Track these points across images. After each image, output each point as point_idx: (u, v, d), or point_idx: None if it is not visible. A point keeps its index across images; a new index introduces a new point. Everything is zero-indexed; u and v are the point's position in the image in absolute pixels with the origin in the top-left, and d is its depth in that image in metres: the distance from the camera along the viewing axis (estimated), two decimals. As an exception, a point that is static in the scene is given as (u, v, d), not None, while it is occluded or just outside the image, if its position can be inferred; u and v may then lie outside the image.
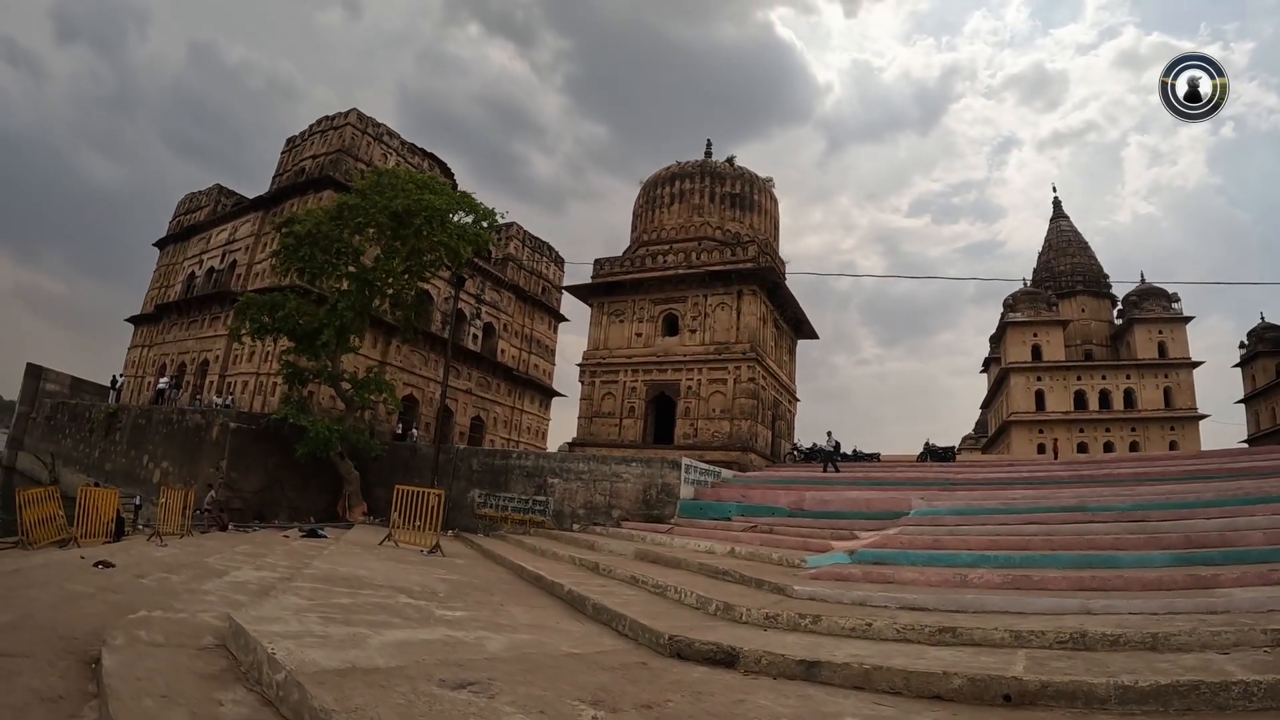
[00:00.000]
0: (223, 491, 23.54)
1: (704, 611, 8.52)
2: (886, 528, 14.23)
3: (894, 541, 12.37)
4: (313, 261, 24.40)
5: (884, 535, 13.13)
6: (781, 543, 14.17)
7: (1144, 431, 53.09)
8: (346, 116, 35.92)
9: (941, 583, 9.48)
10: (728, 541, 14.71)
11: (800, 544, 13.69)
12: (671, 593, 9.63)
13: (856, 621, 7.23)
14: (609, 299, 33.63)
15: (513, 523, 22.77)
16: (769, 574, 10.54)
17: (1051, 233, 66.56)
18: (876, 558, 11.40)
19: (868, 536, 13.51)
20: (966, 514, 14.82)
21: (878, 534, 13.50)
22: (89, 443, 34.41)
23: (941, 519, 14.67)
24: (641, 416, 31.20)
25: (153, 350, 39.50)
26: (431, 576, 10.80)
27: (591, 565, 12.76)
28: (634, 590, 10.24)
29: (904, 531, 13.35)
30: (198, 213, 42.44)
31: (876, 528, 14.44)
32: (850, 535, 14.07)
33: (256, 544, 15.53)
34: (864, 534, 13.93)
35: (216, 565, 11.16)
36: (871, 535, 13.55)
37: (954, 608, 7.90)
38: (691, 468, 21.91)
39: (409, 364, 35.28)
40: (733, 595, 9.00)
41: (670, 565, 12.57)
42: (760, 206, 35.99)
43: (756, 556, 12.84)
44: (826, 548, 12.80)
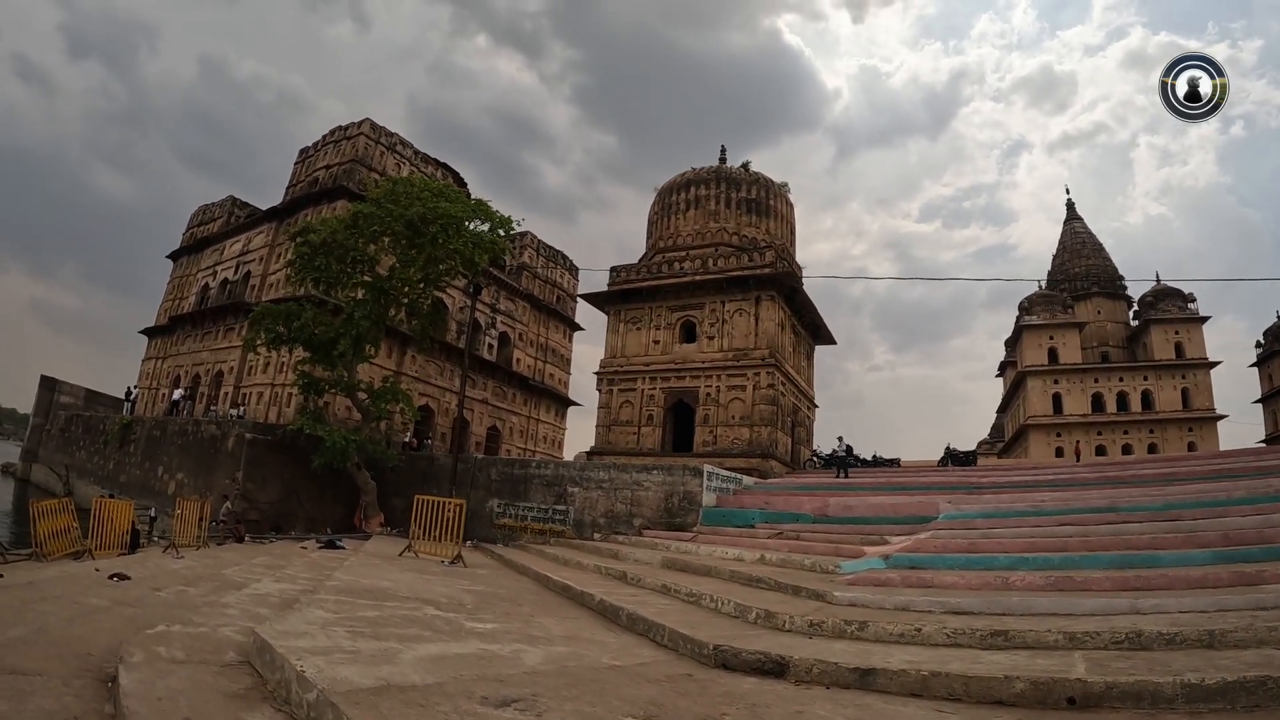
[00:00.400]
0: (239, 503, 23.27)
1: (743, 620, 8.23)
2: (917, 532, 13.97)
3: (928, 546, 12.12)
4: (328, 271, 24.16)
5: (917, 540, 12.84)
6: (811, 549, 13.86)
7: (1162, 433, 52.72)
8: (360, 126, 35.79)
9: (983, 586, 9.29)
10: (755, 548, 14.39)
11: (831, 550, 13.42)
12: (707, 601, 9.32)
13: (905, 627, 7.01)
14: (626, 306, 33.31)
15: (532, 532, 22.42)
16: (804, 580, 10.27)
17: (1065, 235, 66.27)
18: (912, 562, 11.18)
19: (899, 541, 13.28)
20: (997, 517, 14.55)
21: (909, 539, 13.23)
22: (103, 455, 34.27)
23: (972, 523, 14.27)
24: (660, 424, 30.84)
25: (167, 362, 39.39)
26: (456, 587, 10.45)
27: (619, 574, 12.38)
28: (667, 599, 9.88)
29: (936, 536, 13.06)
30: (211, 224, 42.37)
31: (906, 532, 14.21)
32: (881, 540, 13.84)
33: (274, 555, 15.22)
34: (894, 539, 13.72)
35: (235, 577, 10.84)
36: (903, 540, 13.29)
37: (1000, 610, 7.73)
38: (713, 475, 21.56)
39: (424, 374, 35.05)
40: (771, 602, 8.73)
41: (700, 573, 12.22)
42: (776, 211, 35.65)
43: (788, 563, 12.54)
44: (859, 553, 12.54)
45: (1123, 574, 9.12)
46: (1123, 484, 18.27)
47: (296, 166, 38.36)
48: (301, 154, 38.51)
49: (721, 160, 37.45)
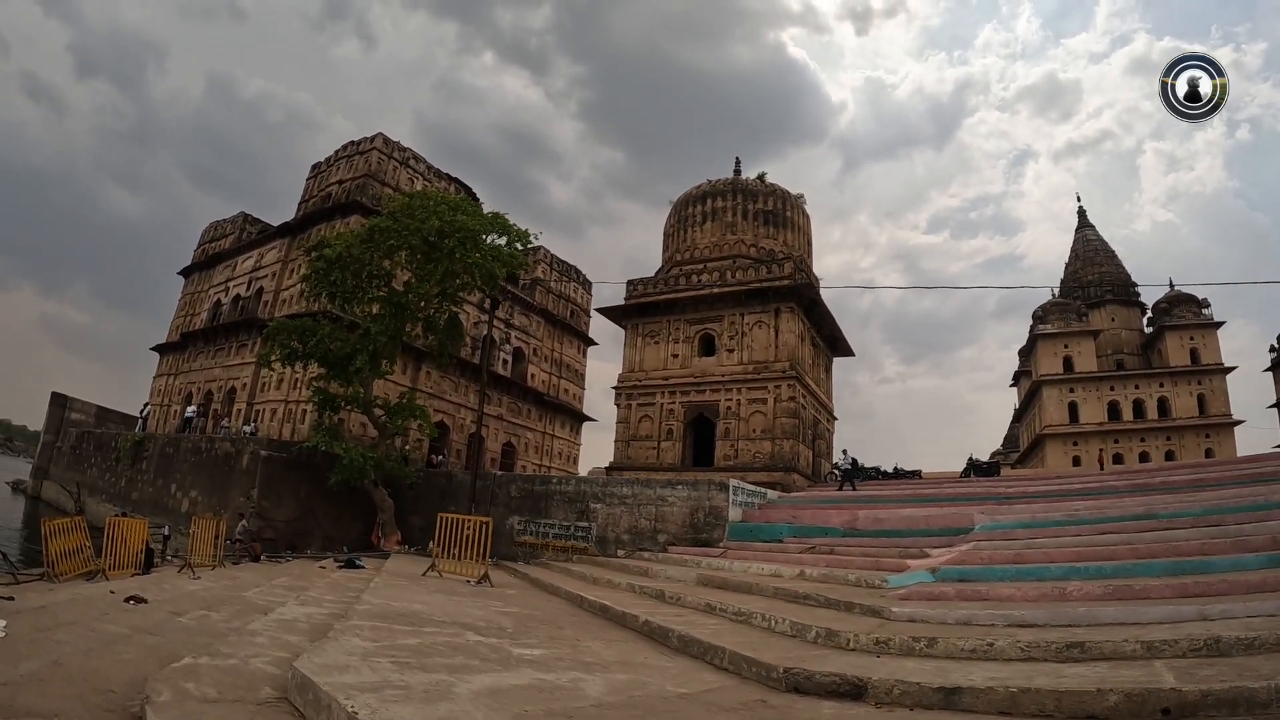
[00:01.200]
0: (254, 521, 22.81)
1: (802, 639, 7.80)
2: (954, 544, 13.74)
3: (973, 557, 11.86)
4: (343, 286, 23.79)
5: (960, 552, 12.53)
6: (850, 563, 13.44)
7: (1179, 440, 52.01)
8: (372, 141, 35.51)
9: (1040, 597, 9.04)
10: (791, 564, 13.98)
11: (872, 564, 13.00)
12: (758, 620, 8.87)
13: (976, 642, 6.72)
14: (643, 320, 32.81)
15: (554, 550, 21.89)
16: (854, 596, 9.87)
17: (1078, 243, 65.79)
18: (961, 575, 10.87)
19: (941, 554, 12.92)
20: (1035, 527, 14.26)
21: (952, 550, 12.89)
22: (115, 472, 33.86)
23: (1012, 533, 14.03)
24: (680, 439, 30.28)
25: (179, 379, 39.02)
26: (490, 609, 9.93)
27: (655, 593, 11.86)
28: (714, 619, 9.41)
29: (978, 547, 12.72)
30: (223, 240, 42.10)
31: (944, 545, 13.80)
32: (921, 553, 13.45)
33: (294, 576, 14.71)
34: (935, 551, 13.36)
35: (257, 600, 10.34)
36: (945, 552, 12.94)
37: (1066, 621, 7.48)
38: (739, 489, 21.09)
39: (439, 390, 34.59)
40: (828, 620, 8.33)
41: (741, 591, 11.76)
42: (793, 223, 35.19)
43: (830, 578, 12.07)
44: (902, 566, 12.14)
45: (1180, 580, 8.91)
46: (1154, 491, 18.10)
47: (309, 182, 38.08)
48: (314, 169, 38.23)
49: (736, 172, 37.04)
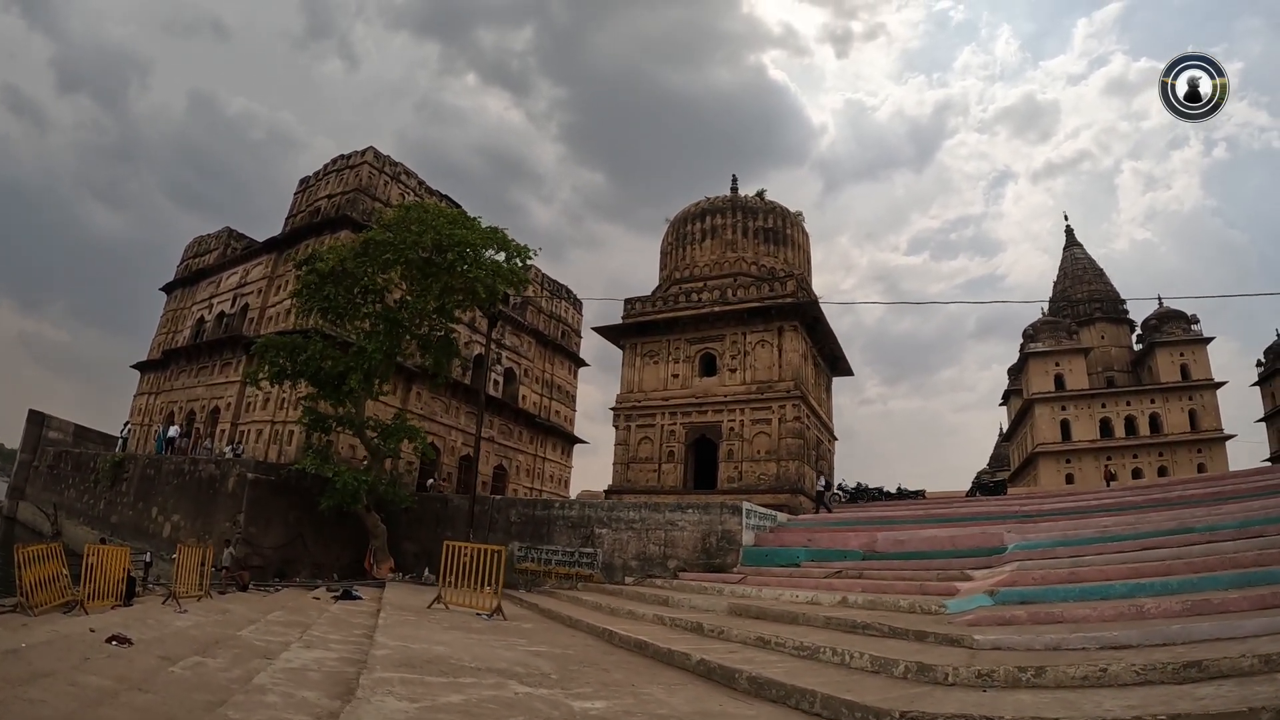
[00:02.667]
0: (241, 548, 21.65)
1: (888, 675, 7.12)
2: (994, 565, 13.06)
3: (1025, 578, 11.31)
4: (336, 301, 22.78)
5: (1011, 573, 11.80)
6: (889, 588, 12.84)
7: (1171, 455, 51.93)
8: (363, 155, 34.63)
9: (1118, 616, 8.64)
10: (822, 589, 13.32)
11: (916, 588, 12.41)
12: (826, 654, 8.08)
13: (1087, 668, 6.33)
14: (642, 339, 31.95)
15: (557, 577, 20.93)
16: (917, 624, 9.28)
17: (1066, 260, 66.00)
18: (1022, 597, 10.39)
19: (985, 575, 12.38)
20: (1073, 545, 13.79)
21: (1001, 572, 12.29)
22: (94, 494, 32.48)
23: (1052, 552, 13.50)
24: (682, 461, 29.36)
25: (160, 398, 37.67)
26: (518, 649, 8.97)
27: (691, 625, 10.95)
28: (775, 655, 8.60)
29: (1023, 567, 12.11)
30: (207, 256, 40.86)
31: (980, 566, 13.31)
32: (962, 575, 12.85)
33: (289, 609, 13.64)
34: (977, 573, 12.78)
35: (255, 641, 9.32)
36: (991, 574, 12.40)
37: (1161, 640, 7.17)
38: (751, 512, 20.27)
39: (430, 411, 33.53)
40: (904, 652, 7.71)
41: (785, 621, 10.97)
42: (793, 241, 34.60)
43: (878, 605, 11.38)
44: (951, 590, 11.59)
45: (1256, 592, 8.58)
46: (1175, 505, 17.80)
47: (296, 196, 37.08)
48: (302, 184, 37.25)
49: (734, 190, 36.38)
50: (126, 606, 14.16)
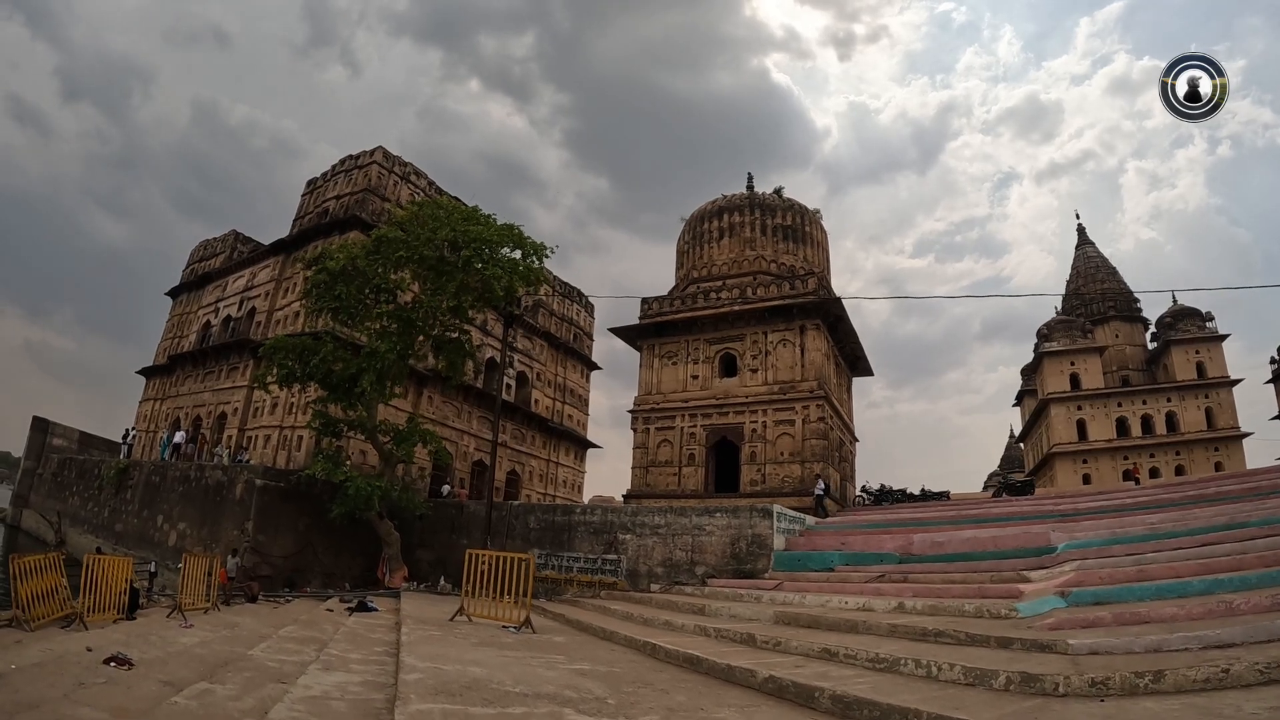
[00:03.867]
0: (249, 557, 20.80)
1: (986, 688, 6.51)
2: (1049, 565, 12.63)
3: (1092, 578, 10.86)
4: (347, 301, 21.94)
5: (1075, 573, 11.26)
6: (943, 591, 12.13)
7: (1188, 454, 51.22)
8: (372, 155, 33.90)
9: (1208, 614, 8.27)
10: (874, 595, 12.59)
11: (974, 591, 11.78)
12: (907, 666, 7.36)
13: (1208, 670, 5.97)
14: (660, 340, 31.07)
15: (579, 585, 20.09)
16: (994, 629, 8.69)
17: (1078, 259, 65.10)
18: (1096, 597, 9.94)
19: (1045, 576, 11.78)
20: (1128, 543, 13.41)
21: (1064, 572, 11.63)
22: (98, 501, 31.66)
23: (1108, 550, 13.01)
24: (702, 464, 28.45)
25: (166, 403, 36.92)
26: (559, 668, 8.10)
27: (742, 637, 10.07)
28: (848, 669, 7.80)
29: (1083, 566, 11.66)
30: (213, 259, 40.14)
31: (1032, 567, 12.87)
32: (1018, 577, 12.33)
33: (302, 623, 12.77)
34: (1032, 574, 12.20)
35: (268, 661, 8.45)
36: (1052, 574, 11.78)
37: (1267, 637, 6.88)
38: (782, 515, 19.44)
39: (441, 416, 32.69)
40: (998, 661, 7.09)
41: (841, 629, 10.17)
42: (812, 238, 33.69)
43: (941, 610, 10.64)
44: (1013, 592, 11.01)
45: None
46: (1213, 501, 17.49)
47: (304, 198, 36.36)
48: (309, 185, 36.53)
49: (749, 187, 35.52)
50: (129, 620, 13.41)
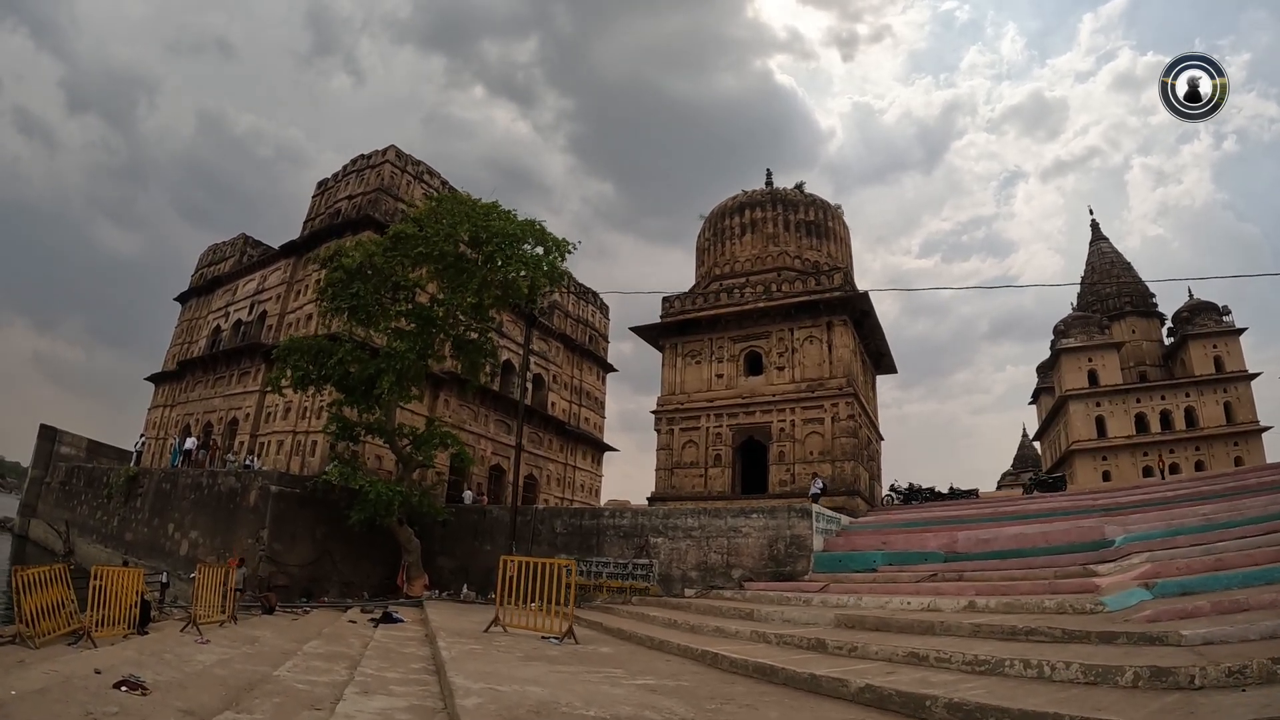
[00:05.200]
0: (265, 566, 20.00)
1: (1112, 685, 6.08)
2: (1111, 558, 12.38)
3: (1169, 569, 10.60)
4: (365, 300, 21.09)
5: (1151, 565, 11.03)
6: (1010, 588, 11.66)
7: (1208, 449, 50.70)
8: (384, 154, 33.21)
9: None
10: (931, 594, 12.06)
11: (1044, 587, 11.36)
12: (1013, 667, 6.80)
13: None
14: (683, 339, 30.18)
15: (609, 591, 19.23)
16: (1088, 624, 8.35)
17: (1093, 255, 64.33)
18: (1182, 587, 9.65)
19: (1115, 570, 11.39)
20: (1191, 533, 13.30)
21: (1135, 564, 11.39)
22: (107, 510, 30.89)
23: (1171, 541, 12.83)
24: (729, 464, 27.53)
25: (175, 410, 36.16)
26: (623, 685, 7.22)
27: (811, 643, 9.23)
28: (947, 673, 7.10)
29: (1154, 558, 11.48)
30: (222, 264, 39.41)
31: (1092, 560, 12.57)
32: (1084, 571, 11.83)
33: (325, 637, 11.91)
34: (1099, 568, 11.77)
35: (296, 683, 7.59)
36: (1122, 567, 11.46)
37: None
38: (821, 515, 18.65)
39: (459, 419, 31.85)
40: (1112, 657, 6.76)
41: (916, 631, 9.49)
42: (835, 234, 32.83)
43: (1017, 607, 10.06)
44: (1088, 586, 10.61)
45: None
46: (1257, 492, 17.14)
47: (315, 199, 35.67)
48: (320, 186, 35.85)
49: (769, 183, 34.70)
50: (140, 635, 12.62)
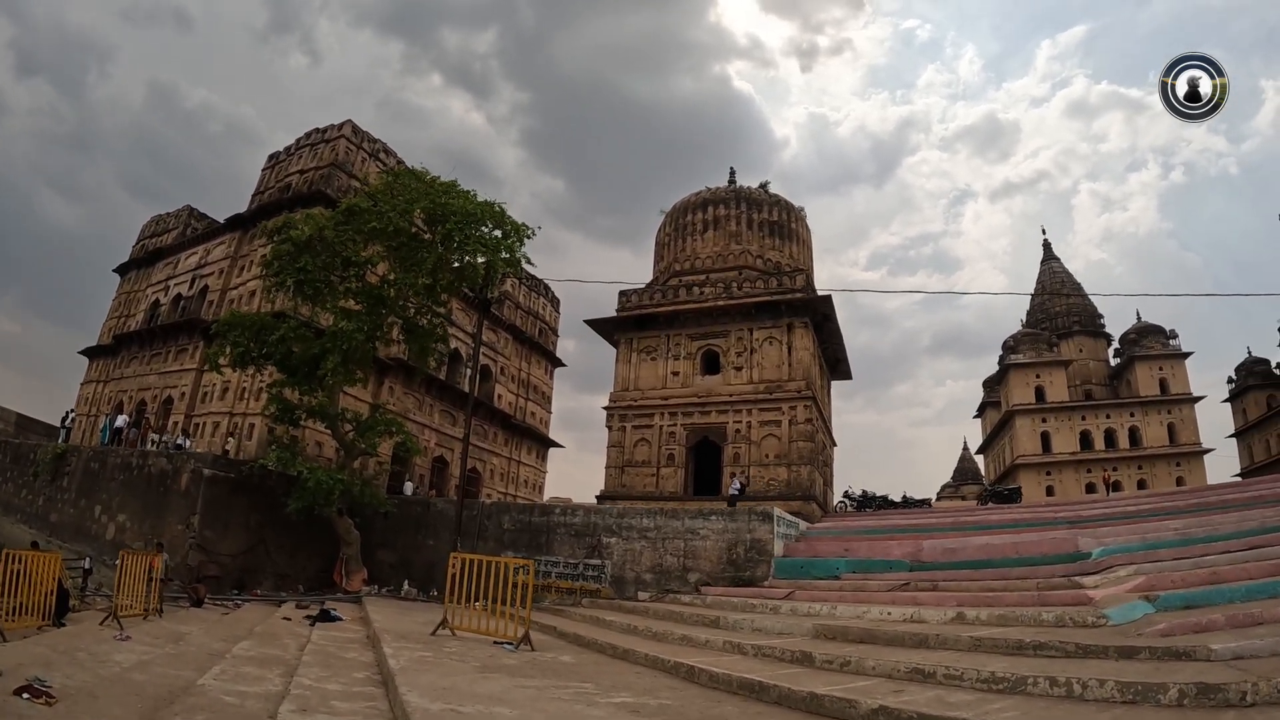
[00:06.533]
0: (195, 555, 18.89)
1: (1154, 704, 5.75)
2: (1092, 570, 12.00)
3: (1165, 582, 10.25)
4: (312, 275, 20.09)
5: (1146, 577, 10.58)
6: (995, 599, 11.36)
7: (1150, 468, 52.16)
8: (340, 129, 32.10)
9: None
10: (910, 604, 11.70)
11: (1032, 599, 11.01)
12: (1037, 684, 6.37)
13: None
14: (639, 335, 29.53)
15: (558, 592, 18.58)
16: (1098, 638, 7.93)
17: (1044, 274, 65.58)
18: (1185, 600, 9.36)
19: (1106, 581, 10.97)
20: (1168, 548, 13.14)
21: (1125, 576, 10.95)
22: (33, 489, 29.10)
23: (1155, 554, 12.56)
24: (682, 464, 27.00)
25: (109, 386, 34.42)
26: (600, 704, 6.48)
27: (795, 656, 8.63)
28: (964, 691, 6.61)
29: (1141, 570, 11.10)
30: (165, 236, 37.62)
31: (1072, 573, 12.22)
32: (1070, 583, 11.41)
33: (258, 637, 11.03)
34: (1085, 580, 11.35)
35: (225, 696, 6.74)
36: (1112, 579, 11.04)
37: None
38: (782, 519, 18.24)
39: (403, 408, 30.91)
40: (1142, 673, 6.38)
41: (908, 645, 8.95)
42: (798, 235, 32.55)
43: (1011, 620, 9.64)
44: (1081, 599, 10.11)
45: None
46: (1220, 509, 17.27)
47: (264, 173, 34.37)
48: (270, 159, 34.55)
49: (731, 181, 34.28)
50: (57, 627, 11.60)
